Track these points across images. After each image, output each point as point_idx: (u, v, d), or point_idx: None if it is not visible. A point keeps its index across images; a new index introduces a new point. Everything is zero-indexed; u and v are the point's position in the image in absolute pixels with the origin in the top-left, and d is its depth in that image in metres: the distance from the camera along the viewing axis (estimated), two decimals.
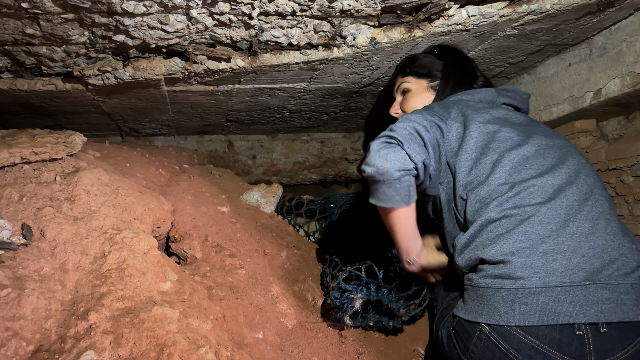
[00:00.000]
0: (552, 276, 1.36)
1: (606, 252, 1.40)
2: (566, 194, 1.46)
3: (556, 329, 1.33)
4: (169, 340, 1.22)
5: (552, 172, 1.51)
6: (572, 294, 1.35)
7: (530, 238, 1.41)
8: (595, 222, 1.44)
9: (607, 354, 1.31)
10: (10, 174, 1.60)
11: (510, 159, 1.53)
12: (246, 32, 1.82)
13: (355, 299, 1.73)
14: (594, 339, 1.32)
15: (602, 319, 1.32)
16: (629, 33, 1.98)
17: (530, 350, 1.33)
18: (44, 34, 1.71)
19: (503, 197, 1.48)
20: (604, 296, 1.34)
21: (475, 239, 1.49)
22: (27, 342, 1.15)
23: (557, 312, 1.33)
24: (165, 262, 1.60)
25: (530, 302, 1.35)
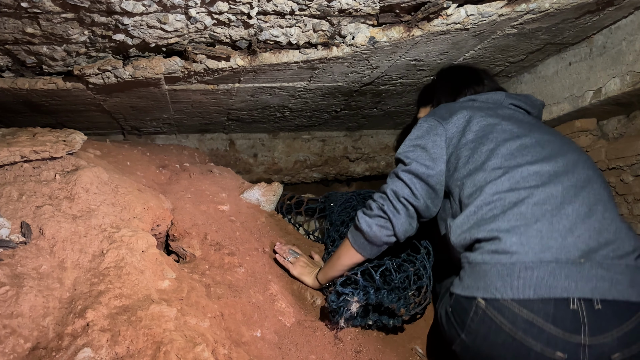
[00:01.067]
0: (547, 252, 1.38)
1: (602, 234, 1.41)
2: (562, 180, 1.49)
3: (551, 303, 1.34)
4: (165, 338, 1.23)
5: (548, 160, 1.54)
6: (567, 269, 1.36)
7: (525, 217, 1.44)
8: (592, 207, 1.45)
9: (601, 331, 1.32)
10: (10, 172, 1.61)
11: (507, 147, 1.57)
12: (245, 31, 1.83)
13: (351, 302, 1.73)
14: (588, 314, 1.32)
15: (596, 295, 1.33)
16: (629, 32, 1.97)
17: (525, 323, 1.35)
18: (44, 33, 1.72)
19: (498, 181, 1.52)
20: (598, 274, 1.35)
21: (471, 219, 1.52)
22: (24, 339, 1.16)
23: (552, 286, 1.34)
24: (164, 260, 1.61)
25: (526, 277, 1.37)
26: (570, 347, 1.32)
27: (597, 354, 1.31)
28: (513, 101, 1.81)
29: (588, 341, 1.32)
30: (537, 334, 1.34)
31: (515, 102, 1.81)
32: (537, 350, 1.34)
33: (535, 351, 1.34)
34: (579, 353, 1.32)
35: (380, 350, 1.75)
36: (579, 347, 1.32)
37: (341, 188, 4.20)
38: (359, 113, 3.18)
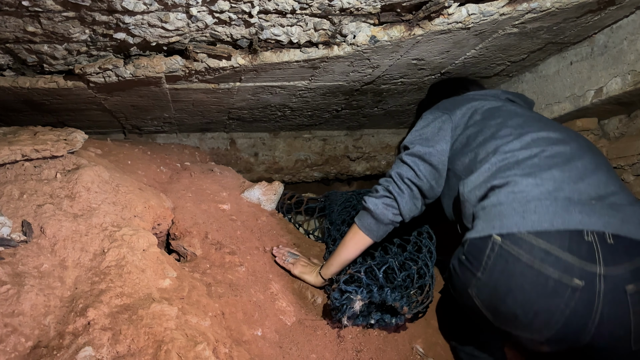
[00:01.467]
0: (561, 192, 1.46)
1: (609, 186, 1.50)
2: (569, 143, 1.60)
3: (566, 235, 1.39)
4: (166, 337, 1.23)
5: (554, 131, 1.65)
6: (580, 206, 1.43)
7: (539, 166, 1.54)
8: (598, 165, 1.56)
9: (615, 263, 1.36)
10: (11, 171, 1.61)
11: (514, 120, 1.71)
12: (246, 30, 1.83)
13: (354, 300, 1.73)
14: (602, 247, 1.37)
15: (609, 229, 1.39)
16: (630, 31, 1.97)
17: (542, 253, 1.38)
18: (45, 32, 1.72)
19: (510, 144, 1.63)
20: (610, 213, 1.42)
21: (486, 173, 1.61)
22: (26, 338, 1.16)
23: (567, 220, 1.40)
24: (165, 259, 1.61)
25: (541, 211, 1.43)
26: (587, 275, 1.35)
27: (613, 284, 1.34)
28: (508, 96, 1.96)
29: (603, 271, 1.35)
30: (555, 262, 1.37)
31: (510, 97, 1.96)
32: (555, 278, 1.37)
33: (553, 278, 1.37)
34: (595, 282, 1.35)
35: (381, 349, 1.75)
36: (595, 276, 1.35)
37: (342, 187, 4.20)
38: (360, 112, 3.18)
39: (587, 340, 1.39)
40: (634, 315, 1.35)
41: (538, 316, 1.40)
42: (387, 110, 3.15)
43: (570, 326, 1.38)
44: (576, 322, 1.37)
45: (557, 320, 1.38)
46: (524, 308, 1.41)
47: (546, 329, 1.41)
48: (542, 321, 1.40)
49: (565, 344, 1.43)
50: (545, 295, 1.38)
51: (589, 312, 1.36)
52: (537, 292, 1.39)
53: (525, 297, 1.41)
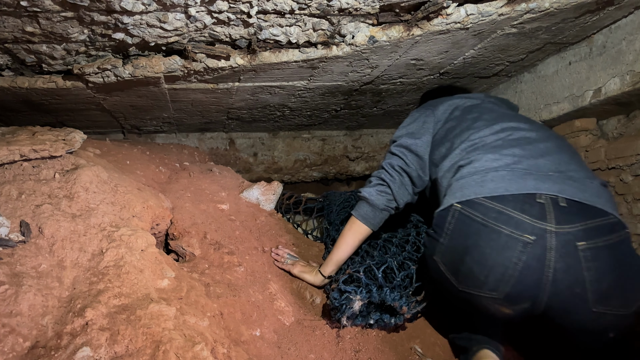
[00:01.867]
0: (520, 164, 1.59)
1: (570, 164, 1.61)
2: (536, 131, 1.72)
3: (520, 197, 1.51)
4: (165, 337, 1.23)
5: (524, 123, 1.78)
6: (536, 175, 1.55)
7: (502, 145, 1.67)
8: (562, 148, 1.67)
9: (567, 222, 1.45)
10: (10, 171, 1.61)
11: (490, 114, 1.84)
12: (245, 30, 1.83)
13: (354, 300, 1.73)
14: (554, 208, 1.47)
15: (562, 194, 1.49)
16: (629, 32, 1.97)
17: (495, 213, 1.50)
18: (43, 32, 1.72)
19: (480, 131, 1.76)
20: (566, 182, 1.53)
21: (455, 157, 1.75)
22: (23, 338, 1.16)
23: (521, 185, 1.53)
24: (163, 259, 1.61)
25: (497, 180, 1.56)
26: (538, 231, 1.45)
27: (564, 240, 1.43)
28: (491, 99, 2.06)
29: (555, 228, 1.44)
30: (507, 220, 1.48)
31: (493, 100, 2.06)
32: (506, 233, 1.47)
33: (505, 234, 1.47)
34: (545, 237, 1.44)
35: (380, 350, 1.75)
36: (546, 232, 1.44)
37: (341, 187, 4.20)
38: (359, 112, 3.18)
39: (545, 300, 1.46)
40: (588, 271, 1.41)
41: (493, 270, 1.48)
42: (386, 110, 3.16)
43: (525, 280, 1.45)
44: (530, 275, 1.45)
45: (510, 274, 1.46)
46: (480, 264, 1.50)
47: (502, 283, 1.48)
48: (497, 276, 1.48)
49: (524, 302, 1.49)
50: (497, 250, 1.47)
51: (542, 266, 1.44)
52: (490, 247, 1.48)
53: (480, 253, 1.50)
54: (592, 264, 1.41)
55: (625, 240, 1.47)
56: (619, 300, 1.44)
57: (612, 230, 1.46)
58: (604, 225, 1.45)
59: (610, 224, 1.46)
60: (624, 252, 1.46)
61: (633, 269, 1.46)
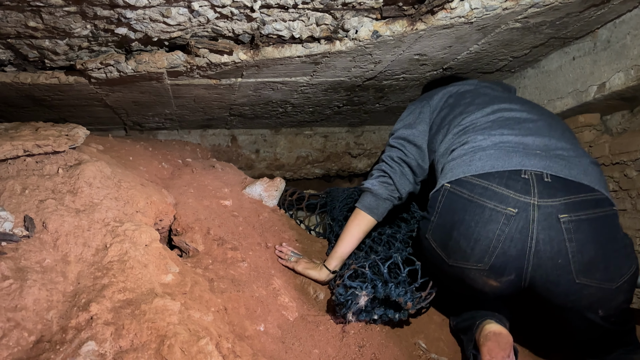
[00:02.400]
0: (507, 143, 1.65)
1: (560, 142, 1.65)
2: (527, 110, 1.79)
3: (505, 174, 1.57)
4: (169, 331, 1.23)
5: (517, 104, 1.84)
6: (522, 152, 1.60)
7: (491, 127, 1.73)
8: (553, 126, 1.73)
9: (550, 196, 1.50)
10: (13, 166, 1.61)
11: (482, 98, 1.90)
12: (248, 25, 1.82)
13: (359, 295, 1.74)
14: (538, 184, 1.53)
15: (548, 170, 1.54)
16: (634, 26, 1.96)
17: (481, 189, 1.57)
18: (46, 27, 1.72)
19: (472, 115, 1.82)
20: (553, 160, 1.58)
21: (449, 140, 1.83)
22: (28, 332, 1.16)
23: (507, 162, 1.58)
24: (167, 254, 1.61)
25: (484, 158, 1.62)
26: (521, 204, 1.51)
27: (546, 212, 1.49)
28: (484, 84, 2.10)
29: (537, 202, 1.50)
30: (491, 195, 1.55)
31: (487, 84, 2.10)
32: (490, 207, 1.54)
33: (489, 207, 1.54)
34: (528, 210, 1.50)
35: (384, 345, 1.75)
36: (529, 205, 1.50)
37: (343, 184, 4.19)
38: (362, 109, 3.17)
39: (529, 271, 1.52)
40: (570, 242, 1.46)
41: (478, 243, 1.55)
42: (389, 106, 3.15)
43: (508, 251, 1.52)
44: (513, 247, 1.51)
45: (495, 245, 1.53)
46: (466, 237, 1.57)
47: (487, 255, 1.54)
48: (482, 247, 1.55)
49: (509, 273, 1.55)
50: (482, 223, 1.54)
51: (524, 238, 1.50)
52: (475, 221, 1.55)
53: (466, 227, 1.57)
54: (575, 235, 1.47)
55: (611, 216, 1.51)
56: (603, 273, 1.49)
57: (597, 205, 1.50)
58: (589, 200, 1.50)
59: (596, 199, 1.51)
60: (609, 226, 1.50)
61: (617, 244, 1.51)
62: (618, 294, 1.52)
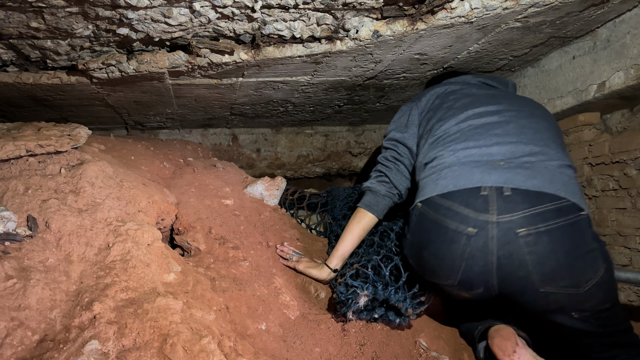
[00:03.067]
0: (470, 157, 1.68)
1: (528, 146, 1.66)
2: (500, 113, 1.78)
3: (466, 192, 1.61)
4: (172, 330, 1.24)
5: (495, 104, 1.83)
6: (484, 166, 1.63)
7: (458, 139, 1.76)
8: (524, 129, 1.72)
9: (509, 211, 1.53)
10: (16, 166, 1.61)
11: (462, 101, 1.90)
12: (249, 25, 1.83)
13: (360, 295, 1.75)
14: (497, 199, 1.55)
15: (508, 184, 1.56)
16: (633, 25, 1.97)
17: (445, 210, 1.63)
18: (48, 27, 1.72)
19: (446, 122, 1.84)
20: (515, 171, 1.59)
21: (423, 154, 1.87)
22: (32, 331, 1.17)
23: (469, 179, 1.62)
24: (169, 253, 1.62)
25: (449, 177, 1.67)
26: (480, 223, 1.55)
27: (505, 228, 1.52)
28: (480, 79, 2.12)
29: (496, 219, 1.54)
30: (453, 215, 1.60)
31: (483, 80, 2.12)
32: (452, 228, 1.59)
33: (451, 229, 1.59)
34: (487, 228, 1.54)
35: (385, 343, 1.76)
36: (487, 223, 1.54)
37: (344, 183, 4.20)
38: (362, 108, 3.18)
39: (496, 284, 1.59)
40: (529, 255, 1.50)
41: (444, 262, 1.62)
42: (389, 105, 3.16)
43: (472, 269, 1.58)
44: (475, 264, 1.57)
45: (458, 264, 1.59)
46: (434, 257, 1.65)
47: (453, 273, 1.61)
48: (448, 266, 1.62)
49: (477, 287, 1.62)
50: (446, 243, 1.60)
51: (486, 255, 1.55)
52: (440, 242, 1.62)
53: (433, 247, 1.65)
54: (534, 248, 1.50)
55: (576, 223, 1.52)
56: (567, 280, 1.51)
57: (559, 214, 1.51)
58: (550, 210, 1.51)
59: (558, 208, 1.52)
60: (572, 234, 1.51)
61: (582, 249, 1.51)
62: (589, 298, 1.54)
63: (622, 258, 2.22)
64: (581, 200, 1.56)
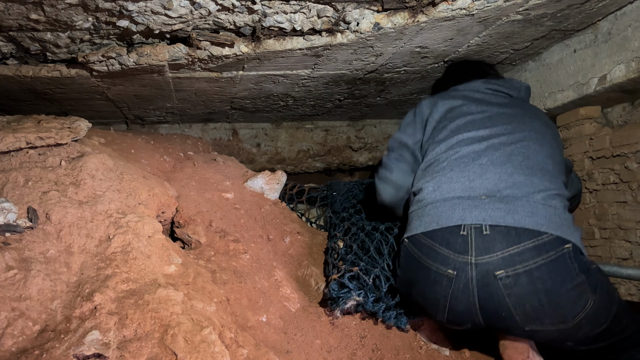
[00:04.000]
0: (453, 192, 1.67)
1: (513, 177, 1.63)
2: (489, 140, 1.74)
3: (447, 231, 1.61)
4: (173, 321, 1.24)
5: (486, 128, 1.79)
6: (465, 203, 1.62)
7: (444, 169, 1.74)
8: (511, 157, 1.68)
9: (487, 252, 1.52)
10: (16, 158, 1.61)
11: (456, 122, 1.85)
12: (249, 17, 1.82)
13: (352, 297, 1.75)
14: (476, 239, 1.55)
15: (487, 222, 1.55)
16: (635, 18, 1.96)
17: (428, 249, 1.63)
18: (48, 19, 1.72)
19: (437, 148, 1.83)
20: (495, 206, 1.58)
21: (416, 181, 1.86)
22: (33, 322, 1.17)
23: (450, 217, 1.61)
24: (170, 246, 1.62)
25: (432, 213, 1.67)
26: (459, 265, 1.55)
27: (483, 270, 1.52)
28: (490, 86, 2.02)
29: (474, 260, 1.53)
30: (435, 256, 1.61)
31: (493, 87, 2.02)
32: (434, 270, 1.60)
33: (433, 270, 1.60)
34: (466, 270, 1.54)
35: (385, 335, 1.76)
36: (467, 265, 1.54)
37: (344, 178, 4.20)
38: (363, 102, 3.18)
39: (482, 320, 1.59)
40: (509, 297, 1.49)
41: (429, 302, 1.64)
42: (390, 100, 3.15)
43: (456, 309, 1.59)
44: (459, 305, 1.57)
45: (442, 304, 1.60)
46: (420, 296, 1.67)
47: (439, 312, 1.63)
48: (433, 306, 1.64)
49: (465, 324, 1.63)
50: (429, 285, 1.61)
51: (467, 296, 1.55)
52: (424, 283, 1.63)
53: (419, 287, 1.66)
54: (513, 290, 1.48)
55: (560, 258, 1.47)
56: (552, 317, 1.49)
57: (540, 252, 1.48)
58: (529, 248, 1.49)
59: (539, 245, 1.48)
60: (554, 271, 1.47)
61: (566, 286, 1.47)
62: (580, 328, 1.51)
63: (623, 252, 2.22)
64: (566, 232, 1.51)
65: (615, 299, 1.58)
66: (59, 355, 1.08)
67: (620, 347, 1.60)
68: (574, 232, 1.54)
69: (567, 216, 1.58)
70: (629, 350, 1.60)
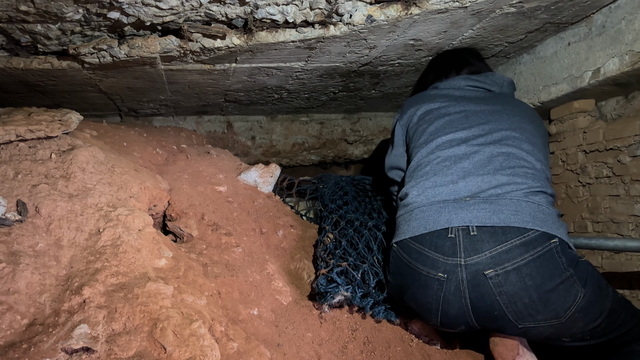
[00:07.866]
0: (438, 196, 1.69)
1: (496, 177, 1.66)
2: (469, 141, 1.78)
3: (435, 234, 1.63)
4: (162, 315, 1.24)
5: (465, 129, 1.83)
6: (451, 206, 1.65)
7: (427, 174, 1.77)
8: (493, 158, 1.71)
9: (475, 252, 1.55)
10: (6, 151, 1.60)
11: (435, 125, 1.89)
12: (241, 9, 1.81)
13: (339, 293, 1.75)
14: (464, 240, 1.57)
15: (474, 223, 1.58)
16: (629, 11, 1.95)
17: (417, 254, 1.65)
18: (38, 11, 1.70)
19: (419, 153, 1.86)
20: (481, 207, 1.61)
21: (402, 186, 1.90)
22: (21, 315, 1.17)
23: (437, 221, 1.64)
24: (161, 239, 1.61)
25: (420, 218, 1.69)
26: (449, 267, 1.57)
27: (473, 271, 1.54)
28: (470, 83, 2.08)
29: (464, 262, 1.56)
30: (424, 260, 1.62)
31: (473, 83, 2.08)
32: (424, 274, 1.61)
33: (423, 274, 1.62)
34: (457, 271, 1.56)
35: (377, 329, 1.77)
36: (457, 267, 1.56)
37: (339, 171, 4.19)
38: (357, 95, 3.16)
39: (475, 322, 1.60)
40: (500, 296, 1.50)
41: (422, 306, 1.65)
42: (385, 92, 3.14)
43: (449, 312, 1.60)
44: (451, 307, 1.59)
45: (435, 308, 1.62)
46: (412, 301, 1.68)
47: (432, 316, 1.65)
48: (425, 310, 1.65)
49: (459, 326, 1.65)
50: (421, 289, 1.63)
51: (459, 298, 1.57)
52: (416, 287, 1.65)
53: (411, 292, 1.67)
54: (503, 288, 1.51)
55: (548, 253, 1.50)
56: (545, 314, 1.50)
57: (528, 249, 1.50)
58: (517, 245, 1.51)
59: (525, 241, 1.51)
60: (542, 266, 1.49)
61: (555, 280, 1.49)
62: (574, 323, 1.52)
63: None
64: (552, 227, 1.54)
65: (608, 294, 1.58)
66: (47, 349, 1.08)
67: (621, 342, 1.60)
68: (559, 227, 1.56)
69: (551, 212, 1.59)
70: (630, 344, 1.60)
